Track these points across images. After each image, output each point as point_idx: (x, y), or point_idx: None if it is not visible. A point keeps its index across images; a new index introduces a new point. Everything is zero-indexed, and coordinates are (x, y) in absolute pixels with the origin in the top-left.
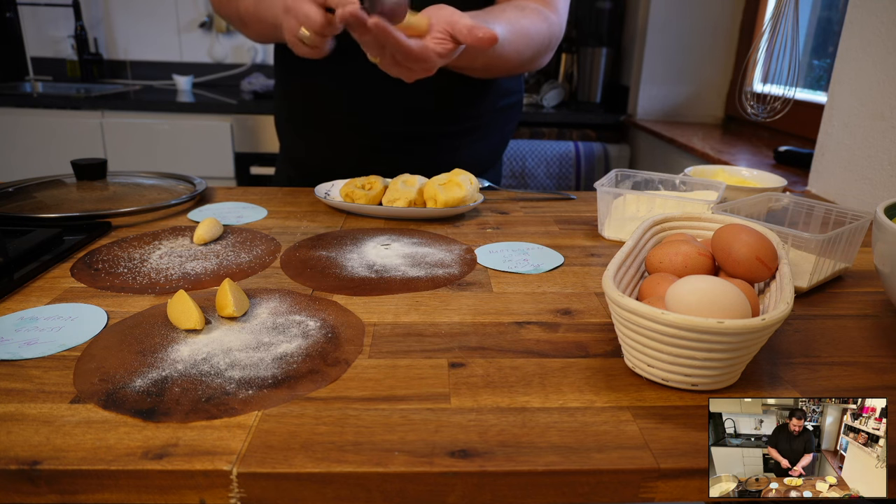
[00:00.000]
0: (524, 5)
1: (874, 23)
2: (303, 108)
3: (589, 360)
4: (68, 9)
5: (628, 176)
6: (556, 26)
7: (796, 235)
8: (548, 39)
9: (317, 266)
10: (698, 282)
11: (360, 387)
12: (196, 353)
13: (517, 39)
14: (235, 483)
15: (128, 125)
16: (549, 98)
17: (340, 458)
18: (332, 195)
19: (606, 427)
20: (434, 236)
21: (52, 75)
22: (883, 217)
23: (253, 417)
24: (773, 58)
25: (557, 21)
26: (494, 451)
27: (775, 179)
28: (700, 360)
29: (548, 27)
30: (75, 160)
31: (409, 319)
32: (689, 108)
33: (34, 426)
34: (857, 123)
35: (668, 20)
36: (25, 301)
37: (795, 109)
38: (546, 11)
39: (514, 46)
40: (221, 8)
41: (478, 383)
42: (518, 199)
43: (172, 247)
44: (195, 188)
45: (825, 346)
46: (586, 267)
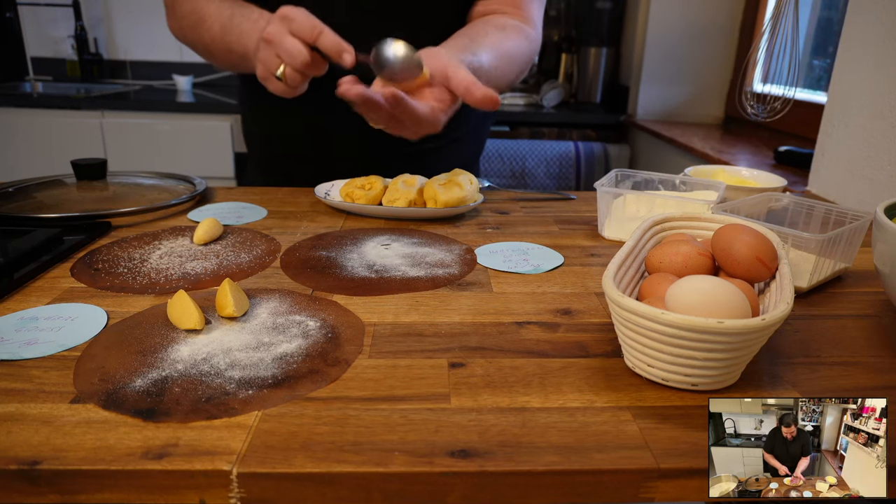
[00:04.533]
0: (504, 24)
1: (874, 23)
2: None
3: (589, 360)
4: (68, 9)
5: (628, 176)
6: (535, 43)
7: (796, 235)
8: (528, 57)
9: (317, 266)
10: (698, 282)
11: (360, 387)
12: (196, 353)
13: (503, 64)
14: (235, 483)
15: (128, 125)
16: (549, 98)
17: (340, 458)
18: (332, 195)
19: (606, 427)
20: (434, 236)
21: (52, 75)
22: (883, 217)
23: (253, 417)
24: (773, 58)
25: (536, 37)
26: (494, 451)
27: (775, 179)
28: (700, 360)
29: (528, 45)
30: (75, 160)
31: (409, 319)
32: (689, 108)
33: (34, 426)
34: (857, 123)
35: (668, 20)
36: (25, 301)
37: (795, 109)
38: (525, 28)
39: (500, 72)
40: (184, 36)
41: (478, 383)
42: (518, 199)
43: (172, 247)
44: (195, 188)
45: (825, 346)
46: (586, 267)
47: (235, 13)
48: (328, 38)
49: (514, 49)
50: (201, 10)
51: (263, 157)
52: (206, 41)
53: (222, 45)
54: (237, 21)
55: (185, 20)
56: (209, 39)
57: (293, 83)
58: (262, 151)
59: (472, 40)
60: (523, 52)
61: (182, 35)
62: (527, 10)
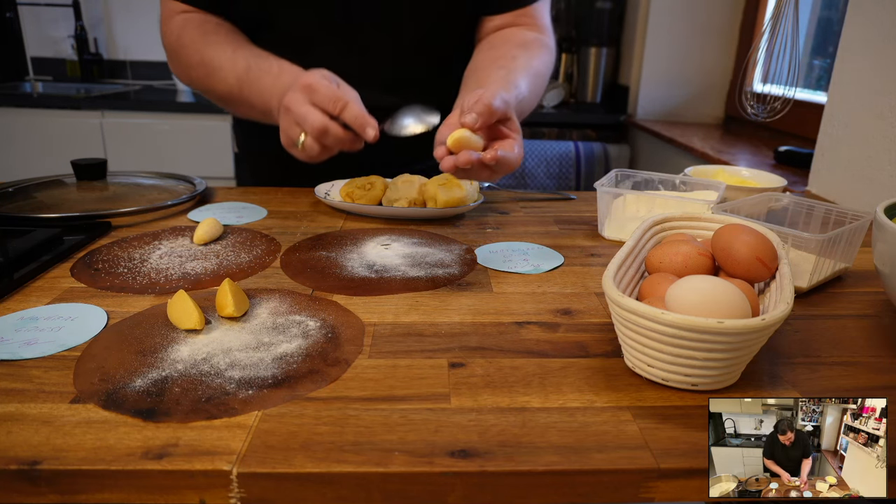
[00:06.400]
0: (524, 40)
1: (874, 23)
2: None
3: (589, 360)
4: (68, 9)
5: (628, 176)
6: (554, 52)
7: (796, 235)
8: (551, 69)
9: (317, 266)
10: (698, 282)
11: (360, 387)
12: (196, 353)
13: (536, 87)
14: (235, 483)
15: (128, 125)
16: (549, 98)
17: (340, 458)
18: (332, 195)
19: (606, 427)
20: (434, 236)
21: (52, 75)
22: (883, 217)
23: (253, 417)
24: (773, 58)
25: (553, 45)
26: (494, 451)
27: (775, 179)
28: (700, 360)
29: (550, 58)
30: (75, 160)
31: (409, 319)
32: (689, 108)
33: (34, 426)
34: (857, 123)
35: (668, 20)
36: (25, 301)
37: (795, 109)
38: (544, 39)
39: (534, 95)
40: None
41: (478, 383)
42: (518, 199)
43: (172, 247)
44: (195, 188)
45: (825, 346)
46: (586, 267)
47: (252, 66)
48: (351, 112)
49: (543, 67)
50: (212, 60)
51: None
52: (220, 92)
53: (241, 98)
54: (255, 75)
55: (193, 71)
56: (224, 91)
57: (312, 153)
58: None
59: (508, 71)
60: (549, 67)
61: (189, 82)
62: (539, 18)
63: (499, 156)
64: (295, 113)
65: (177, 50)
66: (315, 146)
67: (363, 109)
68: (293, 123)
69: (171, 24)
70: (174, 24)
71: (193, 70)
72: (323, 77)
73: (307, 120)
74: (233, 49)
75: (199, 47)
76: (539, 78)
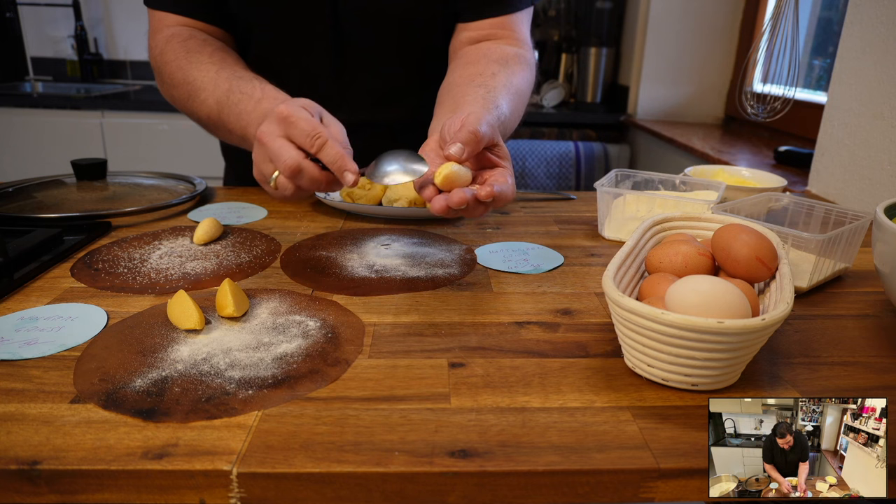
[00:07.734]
0: (503, 55)
1: (874, 23)
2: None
3: (589, 360)
4: (68, 9)
5: (628, 176)
6: (534, 68)
7: (796, 235)
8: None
9: (317, 266)
10: (698, 282)
11: (360, 387)
12: (196, 353)
13: (517, 106)
14: (235, 483)
15: (128, 125)
16: (549, 98)
17: (340, 458)
18: (332, 195)
19: (606, 427)
20: (434, 236)
21: (52, 75)
22: (883, 217)
23: (253, 417)
24: (773, 58)
25: (533, 60)
26: (494, 451)
27: (775, 179)
28: (700, 360)
29: (530, 75)
30: (75, 160)
31: (409, 319)
32: (689, 108)
33: (34, 426)
34: (857, 123)
35: (668, 20)
36: (25, 301)
37: (795, 109)
38: (523, 54)
39: (515, 114)
40: (174, 103)
41: (478, 383)
42: (518, 199)
43: (172, 247)
44: (195, 188)
45: (825, 346)
46: (586, 267)
47: (234, 88)
48: (329, 152)
49: (524, 85)
50: (194, 80)
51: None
52: (200, 115)
53: (219, 122)
54: (235, 99)
55: (175, 90)
56: (204, 114)
57: (285, 193)
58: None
59: (487, 90)
60: (530, 84)
61: (173, 101)
62: (518, 30)
63: (495, 192)
64: (268, 147)
65: (160, 67)
66: (289, 186)
67: (343, 150)
68: (266, 159)
69: (157, 39)
70: (160, 38)
71: (176, 89)
72: (302, 108)
73: (280, 157)
74: (217, 69)
75: (182, 65)
76: (520, 97)
